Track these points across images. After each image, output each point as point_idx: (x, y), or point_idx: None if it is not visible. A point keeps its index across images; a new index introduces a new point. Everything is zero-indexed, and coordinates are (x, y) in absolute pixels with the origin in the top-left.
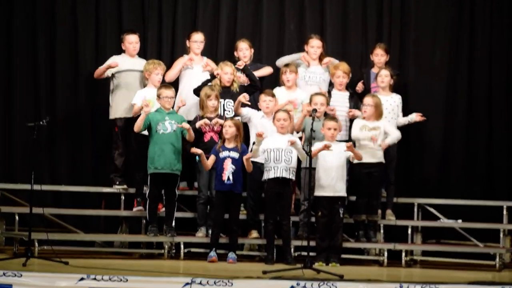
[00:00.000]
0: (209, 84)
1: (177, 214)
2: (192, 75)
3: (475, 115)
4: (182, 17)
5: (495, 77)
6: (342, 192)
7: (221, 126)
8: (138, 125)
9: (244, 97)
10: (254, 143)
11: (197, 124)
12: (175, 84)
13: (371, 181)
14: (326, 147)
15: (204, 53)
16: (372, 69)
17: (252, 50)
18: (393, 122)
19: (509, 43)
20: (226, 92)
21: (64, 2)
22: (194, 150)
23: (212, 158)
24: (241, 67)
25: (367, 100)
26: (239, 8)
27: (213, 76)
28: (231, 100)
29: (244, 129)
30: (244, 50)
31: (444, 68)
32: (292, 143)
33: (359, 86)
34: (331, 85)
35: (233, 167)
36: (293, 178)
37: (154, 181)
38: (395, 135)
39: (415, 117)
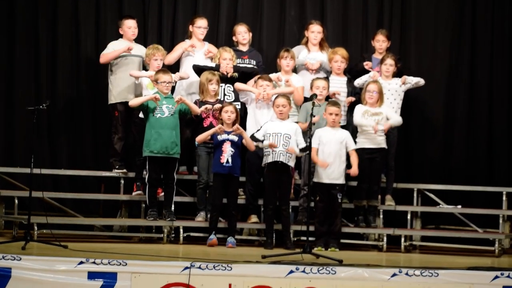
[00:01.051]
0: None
1: (176, 199)
2: (193, 61)
3: (476, 101)
4: (183, 4)
5: (496, 62)
6: (341, 180)
7: (220, 110)
8: (136, 101)
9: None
10: (260, 140)
11: (199, 110)
12: (175, 69)
13: (373, 166)
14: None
15: (204, 39)
16: (373, 55)
17: (251, 34)
18: (395, 104)
19: (510, 29)
20: (226, 78)
21: None
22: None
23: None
24: (229, 75)
25: (372, 87)
26: None
27: (217, 68)
28: (230, 85)
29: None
30: (243, 33)
31: (446, 55)
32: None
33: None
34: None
35: (232, 150)
36: (292, 164)
37: (151, 164)
38: (397, 118)
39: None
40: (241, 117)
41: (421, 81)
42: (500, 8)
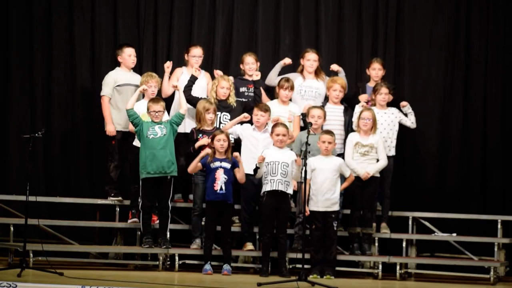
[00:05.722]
0: (202, 97)
1: (172, 226)
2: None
3: (470, 129)
4: (178, 31)
5: (490, 91)
6: (335, 207)
7: (212, 138)
8: (132, 101)
9: (245, 117)
10: (257, 166)
11: (197, 145)
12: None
13: (365, 194)
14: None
15: (200, 67)
16: (368, 84)
17: (258, 64)
18: (391, 134)
19: (504, 57)
20: (223, 106)
21: (60, 16)
22: None
23: (199, 166)
24: (257, 77)
25: (367, 114)
26: (235, 22)
27: (194, 78)
28: (227, 114)
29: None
30: (251, 64)
31: (439, 83)
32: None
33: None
34: (325, 99)
35: (225, 177)
36: (291, 191)
37: (145, 189)
38: (380, 164)
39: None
40: (234, 146)
41: (413, 124)
42: (494, 32)
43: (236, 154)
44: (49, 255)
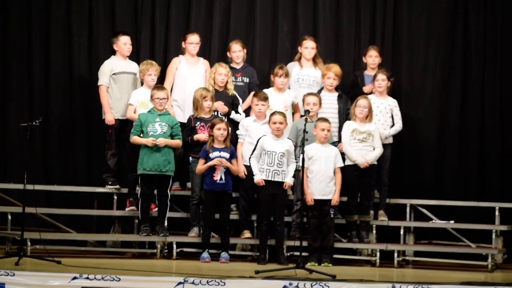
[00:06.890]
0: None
1: (170, 214)
2: (186, 77)
3: (468, 117)
4: (176, 19)
5: (488, 79)
6: (331, 195)
7: (212, 127)
8: (136, 141)
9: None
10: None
11: (195, 138)
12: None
13: (363, 182)
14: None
15: (198, 54)
16: (365, 72)
17: (245, 51)
18: (386, 125)
19: (502, 45)
20: (221, 97)
21: (58, 5)
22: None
23: (202, 161)
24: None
25: (363, 102)
26: (232, 10)
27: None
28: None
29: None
30: (238, 52)
31: (437, 71)
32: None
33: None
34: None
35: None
36: (288, 180)
37: (144, 181)
38: (378, 152)
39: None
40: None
41: (381, 153)
42: (492, 21)
43: (223, 161)
44: (46, 244)
